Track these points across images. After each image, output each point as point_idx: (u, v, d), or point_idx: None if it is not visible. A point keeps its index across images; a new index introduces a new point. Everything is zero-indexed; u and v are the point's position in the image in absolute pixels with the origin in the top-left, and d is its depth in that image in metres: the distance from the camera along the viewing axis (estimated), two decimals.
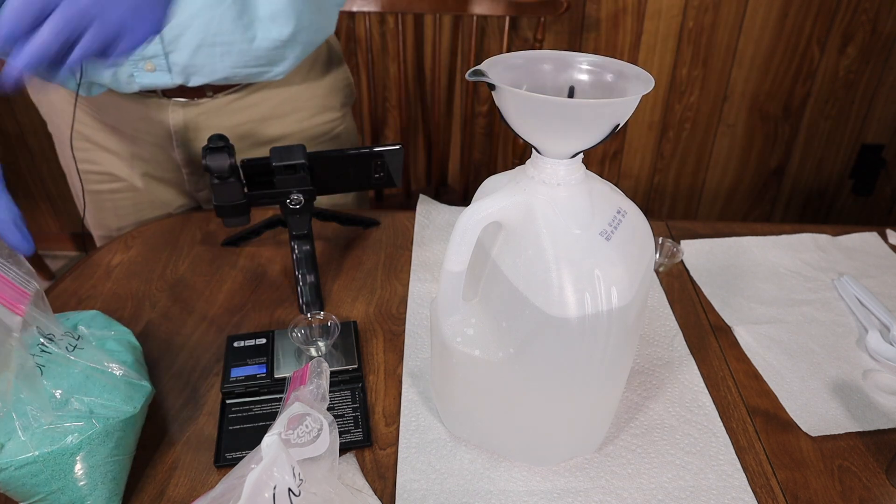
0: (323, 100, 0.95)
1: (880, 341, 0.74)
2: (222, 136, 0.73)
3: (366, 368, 0.71)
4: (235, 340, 0.70)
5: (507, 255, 0.52)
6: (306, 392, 0.47)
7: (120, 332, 0.62)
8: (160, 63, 0.78)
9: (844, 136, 1.83)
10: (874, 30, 1.66)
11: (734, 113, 1.78)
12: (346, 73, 1.01)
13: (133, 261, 0.86)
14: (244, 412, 0.64)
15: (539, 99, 0.44)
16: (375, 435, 0.63)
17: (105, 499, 0.54)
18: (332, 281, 0.83)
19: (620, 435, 0.64)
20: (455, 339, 0.55)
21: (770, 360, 0.73)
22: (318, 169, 0.78)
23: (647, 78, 0.47)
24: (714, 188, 1.92)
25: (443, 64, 1.70)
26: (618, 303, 0.50)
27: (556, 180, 0.50)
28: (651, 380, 0.70)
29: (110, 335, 0.61)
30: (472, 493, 0.58)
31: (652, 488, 0.59)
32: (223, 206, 0.74)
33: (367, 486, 0.58)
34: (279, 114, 0.92)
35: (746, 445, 0.63)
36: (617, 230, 0.51)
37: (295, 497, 0.41)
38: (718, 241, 0.91)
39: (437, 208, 0.96)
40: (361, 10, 1.42)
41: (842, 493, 0.59)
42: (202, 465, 0.60)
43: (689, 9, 1.63)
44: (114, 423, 0.54)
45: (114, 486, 0.55)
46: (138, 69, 0.78)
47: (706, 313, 0.80)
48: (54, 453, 0.51)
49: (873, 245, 0.92)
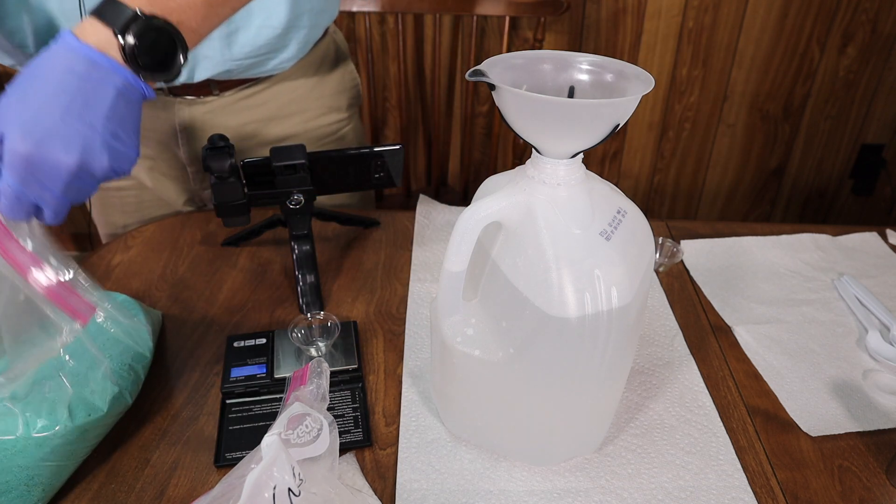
0: (329, 100, 0.95)
1: (880, 341, 0.74)
2: (223, 136, 0.73)
3: (366, 368, 0.71)
4: (235, 340, 0.70)
5: (507, 255, 0.52)
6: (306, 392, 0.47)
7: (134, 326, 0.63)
8: None
9: (844, 136, 1.83)
10: (874, 30, 1.66)
11: (734, 113, 1.78)
12: (354, 72, 1.01)
13: (133, 261, 0.86)
14: (244, 412, 0.64)
15: (539, 99, 0.44)
16: (375, 435, 0.63)
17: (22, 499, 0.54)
18: (332, 281, 0.83)
19: (620, 435, 0.64)
20: (455, 339, 0.55)
21: (770, 360, 0.73)
22: (318, 169, 0.78)
23: (647, 78, 0.47)
24: (714, 188, 1.92)
25: (443, 64, 1.70)
26: (618, 303, 0.50)
27: (556, 180, 0.50)
28: (651, 380, 0.70)
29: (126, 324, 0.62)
30: (472, 493, 0.58)
31: (652, 488, 0.59)
32: (223, 205, 0.74)
33: (367, 486, 0.58)
34: (285, 114, 0.92)
35: (746, 445, 0.63)
36: (617, 230, 0.51)
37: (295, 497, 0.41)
38: (718, 241, 0.91)
39: (437, 208, 0.96)
40: (361, 10, 1.42)
41: (842, 493, 0.59)
42: (202, 465, 0.60)
43: (689, 9, 1.62)
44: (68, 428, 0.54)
45: (38, 493, 0.55)
46: None
47: (706, 313, 0.80)
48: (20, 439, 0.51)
49: (873, 245, 0.92)
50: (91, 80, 0.49)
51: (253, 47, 0.79)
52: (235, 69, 0.81)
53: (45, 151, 0.47)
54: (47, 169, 0.48)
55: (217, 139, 0.73)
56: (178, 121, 0.87)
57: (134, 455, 0.60)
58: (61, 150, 0.48)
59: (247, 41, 0.79)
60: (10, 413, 0.52)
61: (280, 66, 0.84)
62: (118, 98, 0.50)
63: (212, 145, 0.72)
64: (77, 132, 0.48)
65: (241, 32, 0.78)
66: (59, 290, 0.52)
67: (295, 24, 0.81)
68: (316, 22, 0.84)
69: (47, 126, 0.48)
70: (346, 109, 0.99)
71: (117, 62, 0.50)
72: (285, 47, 0.82)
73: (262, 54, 0.81)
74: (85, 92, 0.49)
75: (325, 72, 0.94)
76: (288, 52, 0.83)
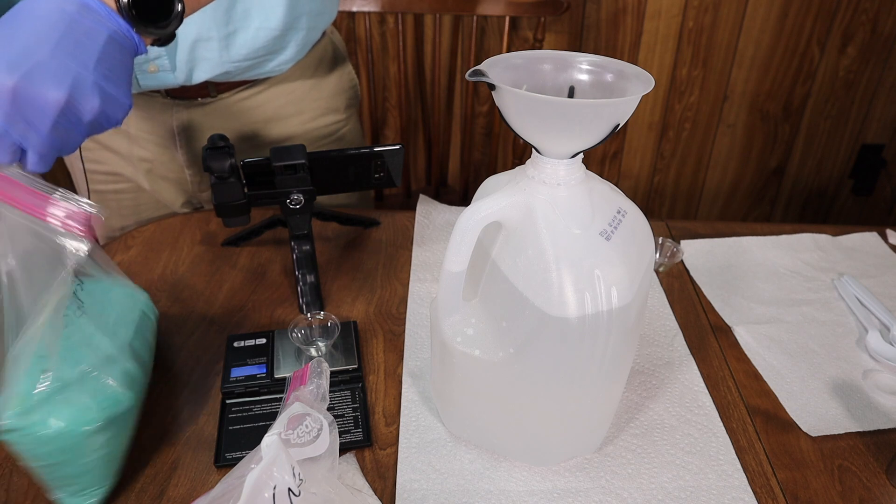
0: (328, 101, 0.95)
1: (880, 341, 0.74)
2: (223, 136, 0.73)
3: (366, 368, 0.71)
4: (235, 340, 0.70)
5: (507, 255, 0.52)
6: (306, 392, 0.47)
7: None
8: (163, 63, 0.78)
9: (844, 136, 1.83)
10: (874, 30, 1.66)
11: (734, 113, 1.78)
12: (351, 73, 1.01)
13: (133, 261, 0.86)
14: (244, 412, 0.64)
15: (539, 99, 0.44)
16: (375, 435, 0.63)
17: (105, 476, 0.56)
18: (332, 281, 0.83)
19: (620, 435, 0.64)
20: (455, 339, 0.55)
21: (770, 360, 0.73)
22: (318, 169, 0.78)
23: (647, 78, 0.47)
24: (714, 188, 1.92)
25: (443, 64, 1.70)
26: (618, 303, 0.50)
27: (556, 180, 0.50)
28: (651, 380, 0.70)
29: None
30: (472, 493, 0.58)
31: (652, 488, 0.59)
32: (223, 206, 0.74)
33: (367, 486, 0.58)
34: (283, 115, 0.92)
35: (746, 445, 0.63)
36: (617, 230, 0.51)
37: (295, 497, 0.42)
38: (718, 241, 0.91)
39: (437, 208, 0.96)
40: (361, 10, 1.41)
41: (842, 493, 0.59)
42: (202, 465, 0.60)
43: (689, 9, 1.62)
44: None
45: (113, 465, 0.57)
46: (142, 71, 0.78)
47: (706, 313, 0.80)
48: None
49: (873, 245, 0.92)
50: (83, 22, 0.47)
51: (251, 49, 0.79)
52: (234, 71, 0.81)
53: (33, 85, 0.44)
54: (34, 105, 0.45)
55: (217, 139, 0.73)
56: (177, 123, 0.87)
57: (134, 455, 0.60)
58: (50, 85, 0.45)
59: (245, 43, 0.79)
60: (72, 399, 0.52)
61: (278, 67, 0.84)
62: (111, 43, 0.48)
63: (212, 145, 0.72)
64: (67, 68, 0.46)
65: (240, 34, 0.78)
66: (53, 210, 0.49)
67: (293, 26, 0.81)
68: (314, 24, 0.84)
69: (36, 59, 0.45)
70: (345, 110, 0.99)
71: (111, 9, 0.48)
72: (283, 49, 0.82)
73: (260, 56, 0.81)
74: (76, 32, 0.46)
75: (323, 73, 0.94)
76: (286, 54, 0.83)
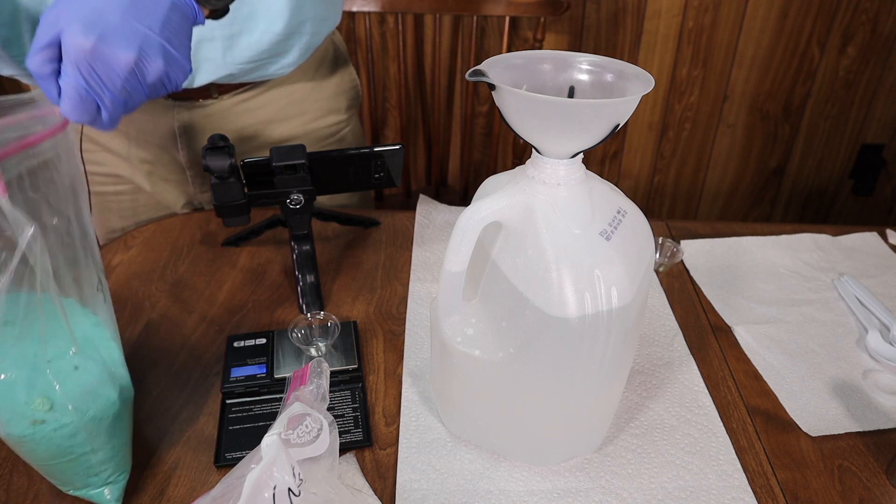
0: (329, 102, 0.95)
1: (880, 341, 0.74)
2: (223, 136, 0.73)
3: (366, 368, 0.71)
4: (235, 340, 0.70)
5: (507, 255, 0.52)
6: (306, 392, 0.47)
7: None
8: None
9: (844, 136, 1.83)
10: (874, 30, 1.66)
11: (734, 113, 1.78)
12: (353, 74, 1.01)
13: (133, 261, 0.86)
14: (244, 412, 0.64)
15: (539, 99, 0.44)
16: (375, 435, 0.63)
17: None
18: (332, 281, 0.83)
19: (620, 435, 0.64)
20: (455, 339, 0.55)
21: (770, 360, 0.73)
22: (318, 169, 0.78)
23: (647, 78, 0.47)
24: (714, 188, 1.92)
25: (443, 64, 1.70)
26: (618, 303, 0.50)
27: (556, 180, 0.50)
28: (651, 380, 0.70)
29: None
30: (472, 493, 0.58)
31: (652, 488, 0.59)
32: (223, 206, 0.74)
33: (367, 486, 0.58)
34: (284, 116, 0.92)
35: (746, 445, 0.63)
36: (617, 230, 0.51)
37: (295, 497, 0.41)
38: (718, 241, 0.91)
39: (437, 208, 0.96)
40: (361, 10, 1.41)
41: (842, 493, 0.59)
42: (202, 465, 0.60)
43: (689, 9, 1.62)
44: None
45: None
46: None
47: (706, 313, 0.80)
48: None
49: (873, 245, 0.92)
50: None
51: (255, 52, 0.80)
52: (237, 73, 0.81)
53: (107, 46, 0.48)
54: (108, 65, 0.49)
55: (217, 139, 0.73)
56: (178, 124, 0.87)
57: (134, 455, 0.60)
58: (122, 46, 0.48)
59: (249, 46, 0.79)
60: (94, 388, 0.52)
61: (281, 70, 0.84)
62: (174, 9, 0.51)
63: (212, 145, 0.72)
64: (136, 31, 0.49)
65: (244, 37, 0.78)
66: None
67: (297, 31, 0.81)
68: (318, 29, 0.84)
69: (109, 22, 0.48)
70: (346, 111, 0.99)
71: None
72: (287, 53, 0.82)
73: (263, 59, 0.81)
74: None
75: (324, 74, 0.94)
76: (289, 58, 0.83)
